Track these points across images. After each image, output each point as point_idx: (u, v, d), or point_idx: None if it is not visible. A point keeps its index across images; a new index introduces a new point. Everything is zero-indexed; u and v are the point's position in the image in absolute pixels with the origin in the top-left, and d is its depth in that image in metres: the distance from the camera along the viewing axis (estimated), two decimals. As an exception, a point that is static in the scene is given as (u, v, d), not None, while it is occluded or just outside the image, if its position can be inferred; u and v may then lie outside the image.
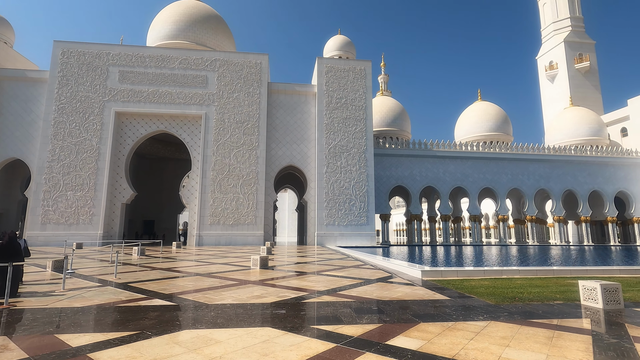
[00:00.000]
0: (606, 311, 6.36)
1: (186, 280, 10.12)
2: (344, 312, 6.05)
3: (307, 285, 9.08)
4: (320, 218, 33.48)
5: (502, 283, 9.40)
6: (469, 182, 40.31)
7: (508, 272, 10.88)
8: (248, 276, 10.91)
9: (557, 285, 9.18)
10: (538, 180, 41.52)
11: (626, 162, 43.27)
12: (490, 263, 15.92)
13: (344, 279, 10.43)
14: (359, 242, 32.96)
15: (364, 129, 35.32)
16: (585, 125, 48.45)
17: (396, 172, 39.28)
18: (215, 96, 34.09)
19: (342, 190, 34.01)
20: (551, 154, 42.16)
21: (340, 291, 8.22)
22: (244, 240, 32.14)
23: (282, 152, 35.13)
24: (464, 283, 9.42)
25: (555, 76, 58.40)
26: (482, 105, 54.00)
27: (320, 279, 10.42)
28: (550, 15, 60.30)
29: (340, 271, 12.28)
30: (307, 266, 14.29)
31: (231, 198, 32.61)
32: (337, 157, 34.52)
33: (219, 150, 33.30)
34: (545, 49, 60.98)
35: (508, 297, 7.47)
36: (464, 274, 10.63)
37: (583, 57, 56.90)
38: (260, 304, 6.71)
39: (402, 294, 7.92)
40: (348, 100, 35.69)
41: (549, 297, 7.52)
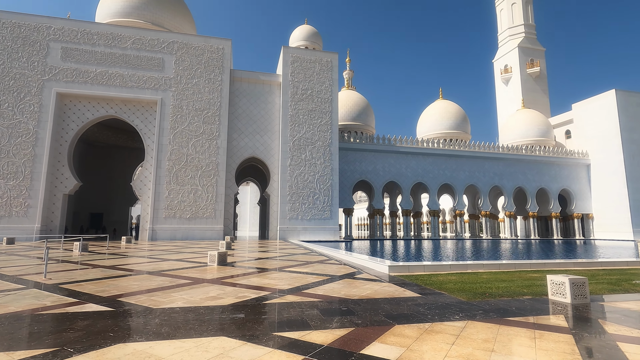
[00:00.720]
0: (574, 306, 6.27)
1: (131, 279, 8.98)
2: (310, 315, 5.42)
3: (270, 284, 8.35)
4: (283, 212, 32.67)
5: (469, 278, 9.27)
6: (429, 178, 41.35)
7: (473, 266, 10.86)
8: (204, 274, 9.96)
9: (522, 279, 9.21)
10: (492, 177, 43.57)
11: (569, 162, 46.65)
12: (454, 257, 16.09)
13: (309, 275, 9.82)
14: (322, 236, 32.59)
15: (329, 122, 34.85)
16: (535, 126, 51.59)
17: (360, 167, 39.33)
18: (173, 81, 31.90)
19: (306, 184, 33.39)
20: (505, 152, 44.37)
21: (305, 290, 7.59)
22: (202, 235, 30.56)
23: (245, 143, 33.77)
24: (431, 278, 9.18)
25: (510, 79, 61.60)
26: (443, 103, 55.68)
27: (283, 275, 9.73)
28: (507, 21, 63.37)
29: (304, 267, 11.67)
30: (269, 262, 13.52)
31: (189, 190, 30.82)
32: (302, 149, 33.79)
33: (176, 139, 31.28)
34: (501, 52, 64.07)
35: (478, 293, 7.25)
36: (430, 268, 10.43)
37: (534, 62, 60.48)
38: (216, 307, 5.89)
39: (371, 291, 7.44)
40: (314, 92, 34.99)
41: (518, 292, 7.41)
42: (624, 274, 10.30)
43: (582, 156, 47.44)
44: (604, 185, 45.58)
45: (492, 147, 44.37)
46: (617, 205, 43.88)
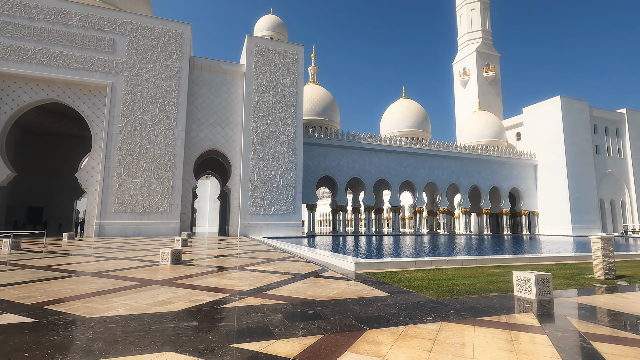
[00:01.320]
0: (539, 302, 6.26)
1: (66, 282, 7.86)
2: (274, 320, 4.87)
3: (228, 284, 7.66)
4: (244, 207, 31.59)
5: (435, 274, 9.18)
6: (391, 175, 42.05)
7: (437, 262, 10.84)
8: (154, 274, 9.02)
9: (485, 275, 9.26)
10: (450, 175, 45.25)
11: (519, 163, 49.64)
12: (417, 253, 16.21)
13: (272, 274, 9.22)
14: (284, 232, 31.95)
15: (294, 116, 34.15)
16: (489, 128, 54.31)
17: (324, 162, 39.06)
18: (125, 65, 29.53)
19: (269, 178, 32.52)
20: (462, 152, 46.22)
21: (267, 290, 7.00)
22: (156, 231, 28.72)
23: (205, 135, 32.17)
24: (398, 275, 8.96)
25: (467, 82, 64.33)
26: (406, 102, 56.94)
27: (244, 275, 9.05)
28: (466, 26, 65.99)
29: (266, 265, 11.04)
30: (229, 260, 12.72)
31: (142, 183, 28.79)
32: (265, 143, 32.83)
33: (128, 128, 29.04)
34: (460, 56, 66.67)
35: (447, 291, 7.08)
36: (396, 265, 10.25)
37: (490, 67, 63.59)
38: (164, 314, 5.15)
39: (338, 290, 7.02)
40: (278, 85, 34.08)
41: (484, 289, 7.34)
42: (575, 269, 10.77)
43: (530, 157, 50.68)
44: (548, 184, 49.06)
45: (450, 147, 46.03)
46: (559, 203, 47.42)
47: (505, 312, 5.58)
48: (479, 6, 64.64)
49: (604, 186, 50.59)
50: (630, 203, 51.61)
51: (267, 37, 45.80)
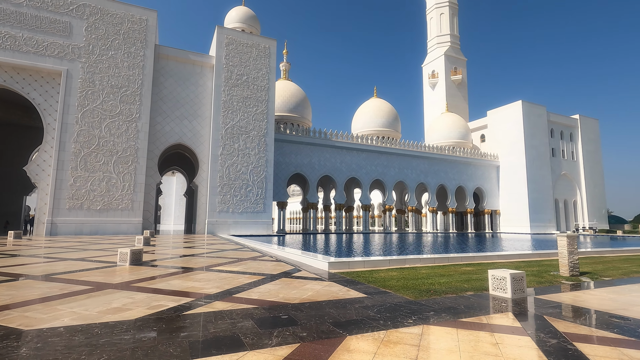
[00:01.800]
0: (515, 301, 6.24)
1: (5, 287, 6.94)
2: (244, 328, 4.42)
3: (194, 287, 7.07)
4: (212, 204, 30.48)
5: (410, 273, 9.05)
6: (362, 173, 42.29)
7: (410, 260, 10.77)
8: (111, 277, 8.22)
9: (458, 273, 9.26)
10: (419, 174, 46.24)
11: (483, 164, 51.66)
12: (389, 252, 16.18)
13: (241, 275, 8.70)
14: (254, 230, 31.19)
15: (265, 111, 33.37)
16: (456, 129, 56.09)
17: (295, 160, 38.56)
18: (83, 50, 27.49)
19: (239, 175, 31.59)
20: (431, 152, 47.37)
21: (237, 293, 6.51)
22: (116, 229, 27.03)
23: (171, 128, 30.68)
24: (373, 275, 8.75)
25: (436, 84, 66.11)
26: (377, 102, 57.55)
27: (211, 276, 8.46)
28: (435, 30, 67.76)
29: (235, 265, 10.47)
30: (195, 260, 12.00)
31: (100, 178, 26.97)
32: (235, 138, 31.84)
33: (86, 119, 27.08)
34: (429, 58, 68.37)
35: (424, 291, 6.92)
36: (370, 264, 10.05)
37: (457, 70, 65.71)
38: (118, 324, 4.55)
39: (313, 292, 6.66)
40: (250, 79, 33.15)
41: (460, 288, 7.26)
42: (541, 266, 11.09)
43: (493, 158, 52.90)
44: (509, 184, 51.45)
45: (420, 147, 47.03)
46: (519, 202, 49.88)
47: (484, 312, 5.46)
48: (448, 11, 66.56)
49: (559, 187, 53.83)
50: (581, 203, 55.31)
51: (238, 29, 44.48)
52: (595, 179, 57.10)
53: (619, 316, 5.30)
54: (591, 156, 57.19)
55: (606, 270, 10.38)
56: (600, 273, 9.86)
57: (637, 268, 11.14)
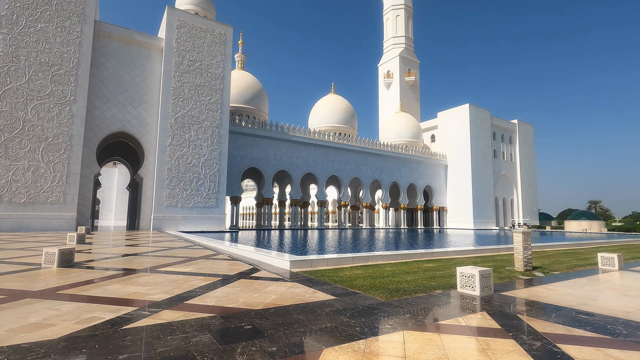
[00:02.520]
0: (484, 298, 6.15)
1: None
2: (201, 344, 3.70)
3: (137, 293, 6.10)
4: (159, 198, 28.34)
5: (375, 271, 8.77)
6: (319, 169, 42.06)
7: (373, 257, 10.53)
8: (32, 282, 6.91)
9: (422, 270, 9.16)
10: (374, 171, 47.10)
11: (433, 163, 54.03)
12: (351, 248, 15.94)
13: (194, 276, 7.80)
14: (206, 226, 29.57)
15: (219, 101, 31.67)
16: (409, 129, 58.02)
17: (251, 153, 37.26)
18: (5, 20, 23.94)
19: (190, 167, 29.70)
20: (386, 150, 48.45)
21: (190, 299, 5.68)
22: (44, 225, 24.04)
23: (112, 114, 27.94)
24: (338, 274, 8.32)
25: (391, 84, 67.83)
26: (335, 98, 57.64)
27: (158, 279, 7.46)
28: (391, 30, 69.40)
29: (186, 265, 9.47)
30: (139, 260, 10.74)
31: (25, 167, 23.77)
32: (186, 128, 29.85)
33: (8, 99, 23.68)
34: (385, 58, 69.93)
35: (393, 291, 6.61)
36: (333, 262, 9.63)
37: (411, 72, 67.95)
38: (35, 346, 3.59)
39: (276, 295, 6.04)
40: (203, 66, 31.22)
41: (428, 287, 7.07)
42: (496, 261, 11.45)
43: (442, 158, 55.56)
44: (456, 183, 54.41)
45: (375, 144, 47.89)
46: (464, 200, 52.95)
47: (459, 312, 5.24)
48: (403, 13, 68.46)
49: (499, 186, 58.04)
50: (517, 201, 60.20)
51: (191, 11, 41.72)
52: (529, 179, 62.45)
53: (585, 312, 5.36)
54: (526, 158, 62.40)
55: (553, 265, 10.96)
56: (548, 267, 10.36)
57: (577, 262, 11.94)
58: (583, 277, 8.81)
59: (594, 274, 9.45)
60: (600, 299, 6.37)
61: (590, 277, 8.94)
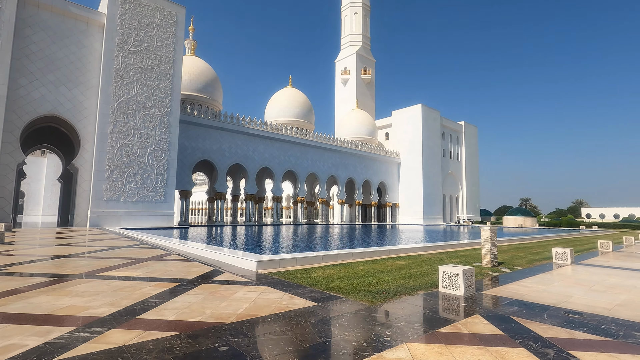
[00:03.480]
0: (469, 299, 5.89)
1: None
2: (166, 379, 2.84)
3: (74, 307, 4.94)
4: (98, 191, 25.55)
5: (349, 271, 8.25)
6: (275, 164, 40.98)
7: (343, 256, 10.03)
8: None
9: (395, 268, 8.83)
10: (330, 167, 47.03)
11: (387, 160, 55.36)
12: (316, 246, 15.31)
13: (145, 282, 6.67)
14: (152, 222, 27.28)
15: (169, 87, 29.31)
16: (365, 126, 58.86)
17: (203, 145, 35.16)
18: None
19: (135, 158, 27.14)
20: (343, 146, 48.57)
21: (143, 313, 4.68)
22: (-49, 221, 20.40)
23: (41, 95, 24.56)
24: (311, 274, 7.67)
25: (348, 81, 68.28)
26: (292, 91, 56.59)
27: (100, 286, 6.24)
28: (349, 28, 69.77)
29: (134, 268, 8.20)
30: (75, 262, 9.19)
31: None
32: (131, 115, 27.20)
33: None
34: (342, 55, 70.18)
35: (375, 293, 6.12)
36: (303, 261, 8.96)
37: (367, 70, 68.94)
38: None
39: (249, 304, 5.23)
40: (151, 47, 28.63)
41: (409, 287, 6.69)
42: (461, 257, 11.56)
43: (395, 156, 57.15)
44: (408, 180, 56.31)
45: (333, 140, 47.79)
46: (415, 197, 55.00)
47: (454, 316, 4.86)
48: (361, 12, 69.12)
49: (446, 184, 61.18)
50: (462, 198, 63.98)
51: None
52: (473, 178, 66.66)
53: (572, 311, 5.27)
54: (471, 158, 66.48)
55: (513, 260, 11.29)
56: (510, 263, 10.62)
57: (532, 256, 12.49)
58: (546, 272, 9.06)
59: (552, 268, 9.81)
60: (575, 295, 6.42)
61: (552, 272, 9.23)
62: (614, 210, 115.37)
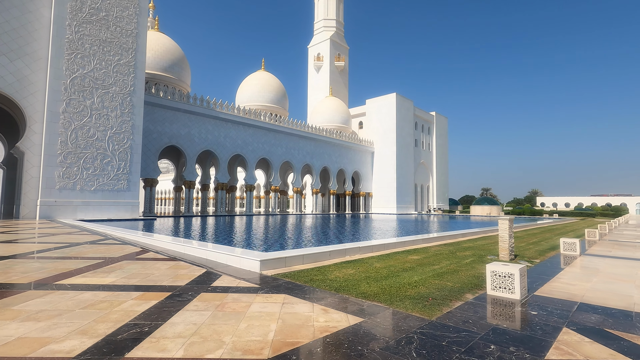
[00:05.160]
0: (525, 303, 4.99)
1: None
2: None
3: (25, 339, 3.38)
4: (49, 179, 22.59)
5: (367, 269, 7.13)
6: (248, 151, 39.00)
7: (350, 251, 8.91)
8: None
9: (416, 265, 7.83)
10: (305, 155, 45.66)
11: (361, 149, 54.83)
12: (309, 239, 14.03)
13: (123, 293, 5.12)
14: (114, 213, 24.71)
15: (132, 64, 26.41)
16: (339, 114, 57.81)
17: (170, 129, 32.47)
18: None
19: (92, 142, 24.28)
20: (318, 134, 47.26)
21: (133, 347, 3.24)
22: None
23: (-25, 66, 21.01)
24: (327, 275, 6.47)
25: (321, 67, 66.65)
26: (265, 75, 54.18)
27: (61, 302, 4.63)
28: (322, 12, 67.83)
29: (105, 272, 6.54)
30: (22, 266, 7.31)
31: None
32: (88, 93, 24.18)
33: None
34: (316, 40, 68.26)
35: (420, 299, 5.04)
36: (310, 259, 7.72)
37: (340, 57, 67.63)
38: None
39: (277, 324, 3.93)
40: (110, 17, 25.52)
41: (452, 290, 5.69)
42: (471, 249, 10.84)
43: (369, 145, 56.75)
44: (381, 170, 56.24)
45: (308, 127, 46.32)
46: (388, 186, 55.10)
47: (539, 332, 3.87)
48: (335, -4, 67.26)
49: (418, 173, 61.92)
50: (433, 187, 65.19)
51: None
52: (443, 168, 68.06)
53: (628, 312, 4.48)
54: (441, 149, 67.71)
55: (524, 252, 10.73)
56: (524, 255, 10.03)
57: (536, 247, 12.10)
58: (570, 266, 8.48)
59: (570, 260, 9.30)
60: (634, 294, 5.72)
61: (574, 264, 8.68)
62: (564, 200, 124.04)
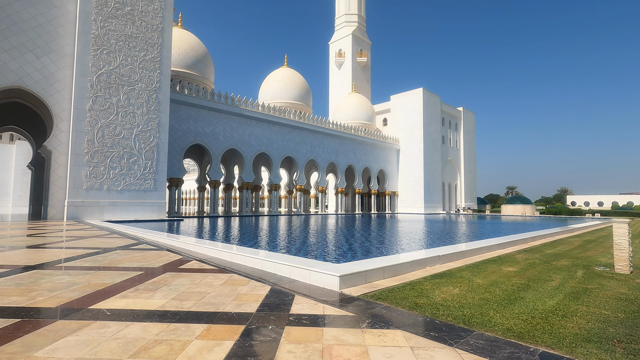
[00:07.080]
0: None
1: None
2: None
3: None
4: (76, 179, 21.99)
5: (473, 288, 5.60)
6: (273, 149, 37.91)
7: (429, 260, 7.38)
8: None
9: (526, 280, 6.24)
10: (330, 154, 44.25)
11: (387, 147, 52.98)
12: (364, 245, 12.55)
13: (181, 324, 3.78)
14: (141, 214, 23.96)
15: (158, 59, 25.64)
16: (363, 111, 56.07)
17: (195, 127, 31.70)
18: None
19: (119, 140, 23.60)
20: (343, 131, 45.76)
21: None
22: None
23: (2, 63, 20.64)
24: (429, 296, 4.98)
25: (343, 63, 65.04)
26: (289, 72, 53.12)
27: (98, 344, 3.33)
28: (344, 7, 66.21)
29: (149, 291, 5.26)
30: (49, 280, 6.15)
31: None
32: (113, 90, 23.51)
33: None
34: (337, 36, 66.72)
35: (599, 339, 3.49)
36: (390, 271, 6.25)
37: (362, 53, 65.82)
38: None
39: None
40: (136, 12, 24.79)
41: (617, 322, 4.10)
42: (561, 256, 9.14)
43: (395, 142, 54.81)
44: (407, 168, 54.21)
45: (334, 125, 44.91)
46: (415, 185, 53.01)
47: None
48: (357, -10, 65.52)
49: (445, 171, 59.50)
50: (461, 186, 62.57)
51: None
52: (471, 165, 65.29)
53: None
54: (469, 145, 64.96)
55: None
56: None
57: (631, 253, 10.23)
58: None
59: (702, 273, 7.48)
60: None
61: None
62: (596, 198, 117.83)
